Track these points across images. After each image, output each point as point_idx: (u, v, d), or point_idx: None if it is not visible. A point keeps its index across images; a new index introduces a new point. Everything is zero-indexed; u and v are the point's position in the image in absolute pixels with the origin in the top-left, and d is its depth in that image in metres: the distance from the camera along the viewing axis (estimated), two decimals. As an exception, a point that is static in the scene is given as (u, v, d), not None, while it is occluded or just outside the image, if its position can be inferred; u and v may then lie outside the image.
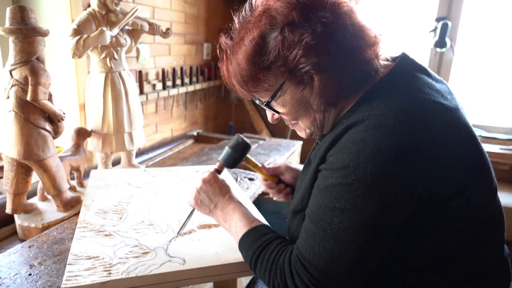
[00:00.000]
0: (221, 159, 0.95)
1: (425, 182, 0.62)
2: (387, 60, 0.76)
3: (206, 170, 0.94)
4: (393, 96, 0.65)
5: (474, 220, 0.68)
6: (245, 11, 0.75)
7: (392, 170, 0.60)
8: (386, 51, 0.74)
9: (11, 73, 1.07)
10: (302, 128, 0.81)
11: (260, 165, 1.01)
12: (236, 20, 0.76)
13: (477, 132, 2.67)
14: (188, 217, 0.96)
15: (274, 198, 1.05)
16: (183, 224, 0.97)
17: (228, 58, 0.76)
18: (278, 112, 0.78)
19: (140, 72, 1.97)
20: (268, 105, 0.76)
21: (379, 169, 0.60)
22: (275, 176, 1.03)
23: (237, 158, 0.93)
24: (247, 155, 0.96)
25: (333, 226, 0.63)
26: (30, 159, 1.09)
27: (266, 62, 0.70)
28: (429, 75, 0.74)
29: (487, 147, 2.53)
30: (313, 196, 0.69)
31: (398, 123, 0.60)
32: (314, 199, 0.68)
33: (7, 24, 1.05)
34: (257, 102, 0.79)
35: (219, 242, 0.94)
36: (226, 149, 0.94)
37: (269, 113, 0.82)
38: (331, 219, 0.63)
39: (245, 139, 0.93)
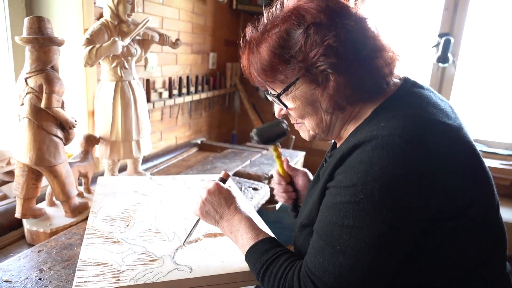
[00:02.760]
0: (257, 130, 0.99)
1: (431, 200, 0.64)
2: (399, 79, 0.79)
3: (210, 179, 0.96)
4: (399, 116, 0.67)
5: (477, 237, 0.70)
6: (275, 8, 0.80)
7: (399, 188, 0.62)
8: (398, 71, 0.78)
9: (26, 81, 1.10)
10: (306, 129, 0.84)
11: (283, 158, 1.04)
12: (265, 15, 0.80)
13: (478, 147, 2.69)
14: (193, 226, 0.98)
15: (276, 199, 1.08)
16: (189, 233, 0.99)
17: (251, 48, 0.79)
18: (286, 107, 0.81)
19: (147, 80, 2.00)
20: (278, 97, 0.79)
21: (387, 187, 0.62)
22: (288, 176, 1.05)
23: (273, 138, 0.99)
24: (277, 144, 1.01)
25: (342, 243, 0.64)
26: (42, 165, 1.12)
27: (286, 55, 0.74)
28: (433, 94, 0.77)
29: (487, 162, 2.53)
30: (321, 213, 0.71)
31: (404, 143, 0.62)
32: (322, 216, 0.70)
33: (24, 33, 1.08)
34: (269, 96, 0.83)
35: (225, 251, 0.96)
36: (267, 124, 0.99)
37: (277, 107, 0.85)
38: (339, 236, 0.65)
39: (287, 127, 0.99)
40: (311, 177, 1.06)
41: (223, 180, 0.96)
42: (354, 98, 0.74)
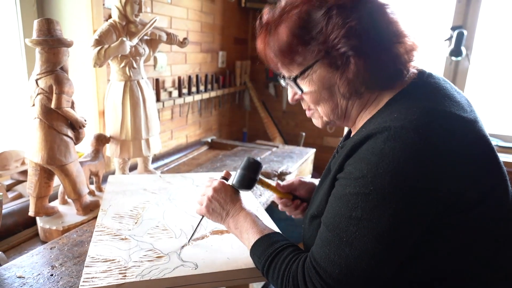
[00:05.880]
0: (235, 183, 0.94)
1: (442, 194, 0.63)
2: (416, 69, 0.77)
3: (213, 179, 0.96)
4: (413, 108, 0.66)
5: (489, 232, 0.69)
6: None
7: (410, 182, 0.61)
8: (415, 62, 0.76)
9: (37, 82, 1.13)
10: (319, 116, 0.82)
11: (274, 184, 1.01)
12: None
13: (494, 142, 2.63)
14: (197, 225, 0.99)
15: (292, 216, 1.05)
16: (193, 232, 1.00)
17: (268, 30, 0.78)
18: (301, 91, 0.78)
19: (157, 80, 2.02)
20: (295, 80, 0.77)
21: (397, 180, 0.61)
22: (289, 194, 1.03)
23: (253, 179, 0.93)
24: (260, 177, 0.95)
25: (349, 235, 0.64)
26: (53, 164, 1.14)
27: (306, 36, 0.72)
28: (450, 86, 0.76)
29: (503, 157, 2.48)
30: (330, 204, 0.70)
31: (417, 136, 0.61)
32: (330, 207, 0.70)
33: (34, 35, 1.11)
34: (283, 82, 0.81)
35: (231, 248, 0.97)
36: (239, 172, 0.93)
37: (290, 92, 0.83)
38: (347, 227, 0.65)
39: (256, 158, 0.95)
40: (306, 180, 1.05)
41: (225, 179, 0.96)
42: (373, 84, 0.73)
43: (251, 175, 0.93)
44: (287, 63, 0.77)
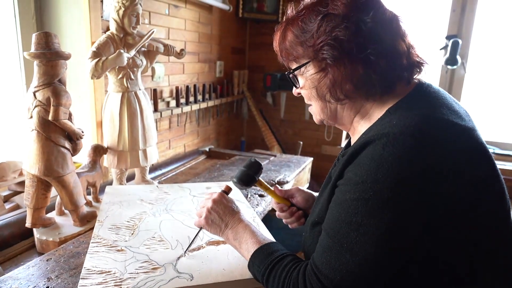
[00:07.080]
0: (236, 178, 0.99)
1: (439, 200, 0.64)
2: (415, 80, 0.79)
3: (213, 191, 0.98)
4: (412, 115, 0.67)
5: (486, 236, 0.69)
6: None
7: (409, 187, 0.62)
8: (415, 73, 0.78)
9: (34, 95, 1.14)
10: (314, 113, 0.86)
11: (272, 188, 1.04)
12: None
13: (491, 150, 2.64)
14: (194, 237, 1.00)
15: (288, 224, 1.07)
16: (190, 244, 1.00)
17: (285, 27, 0.83)
18: (297, 86, 0.85)
19: (155, 90, 2.04)
20: (289, 74, 0.85)
21: (396, 185, 0.62)
22: (287, 200, 1.05)
23: (252, 177, 0.99)
24: (259, 178, 1.01)
25: (350, 240, 0.65)
26: (50, 176, 1.15)
27: (302, 38, 0.78)
28: (449, 96, 0.78)
29: (500, 165, 2.49)
30: (330, 210, 0.71)
31: (415, 142, 0.63)
32: (331, 213, 0.71)
33: (33, 49, 1.12)
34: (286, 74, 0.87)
35: (227, 259, 0.97)
36: (241, 168, 1.00)
37: (295, 88, 0.89)
38: (347, 233, 0.65)
39: (258, 160, 1.00)
40: (304, 189, 1.06)
41: (225, 193, 0.98)
42: (354, 94, 0.76)
43: (251, 174, 0.99)
44: (286, 59, 0.84)
